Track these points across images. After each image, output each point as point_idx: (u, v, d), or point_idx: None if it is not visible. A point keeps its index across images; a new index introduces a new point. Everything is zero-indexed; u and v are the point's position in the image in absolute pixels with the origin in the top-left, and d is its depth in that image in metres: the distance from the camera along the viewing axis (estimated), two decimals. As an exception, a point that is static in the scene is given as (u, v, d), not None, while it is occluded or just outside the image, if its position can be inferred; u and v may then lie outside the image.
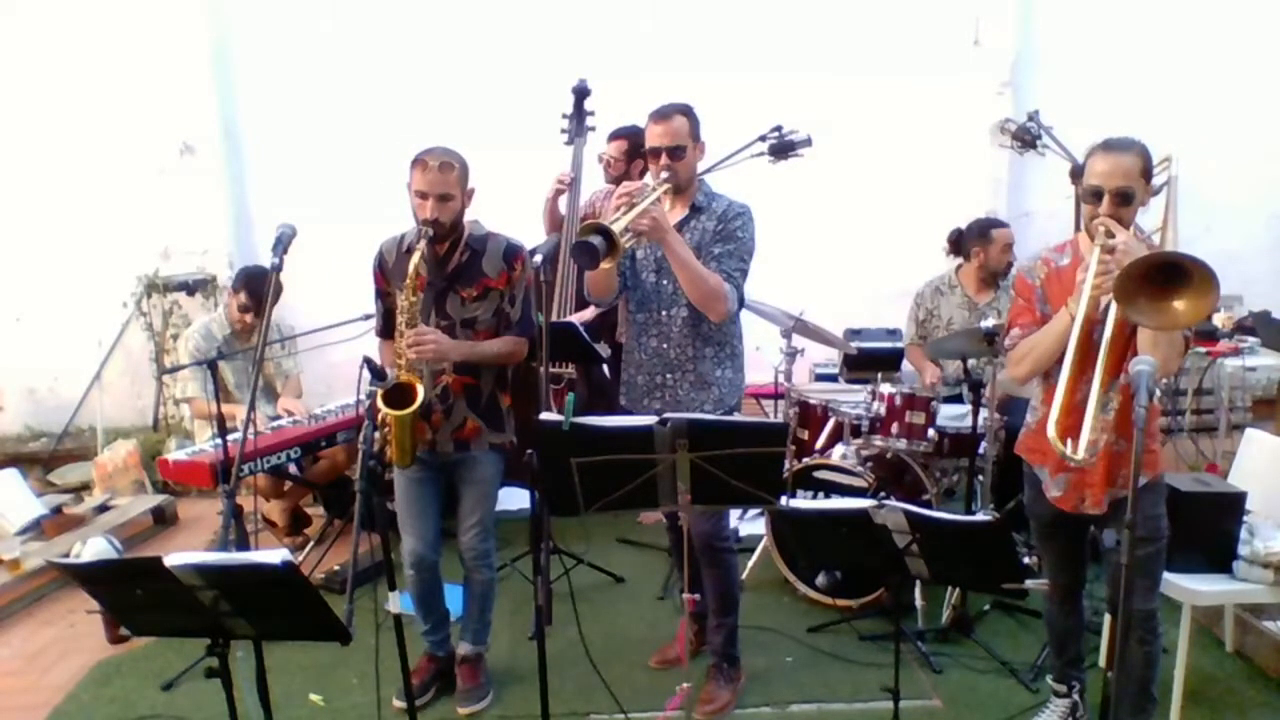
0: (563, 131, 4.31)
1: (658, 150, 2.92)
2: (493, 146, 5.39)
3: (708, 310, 2.92)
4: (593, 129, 4.32)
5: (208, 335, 4.38)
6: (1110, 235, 2.35)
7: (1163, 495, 2.66)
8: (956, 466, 4.29)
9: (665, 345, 3.06)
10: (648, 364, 3.10)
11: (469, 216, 3.06)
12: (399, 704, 3.14)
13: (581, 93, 4.30)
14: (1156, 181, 2.75)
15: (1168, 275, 2.18)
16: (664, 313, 3.04)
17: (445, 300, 3.00)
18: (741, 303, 3.03)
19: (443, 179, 2.85)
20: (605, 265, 2.58)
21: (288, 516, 4.70)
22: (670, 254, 2.82)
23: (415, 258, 2.79)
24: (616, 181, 4.11)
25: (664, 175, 2.91)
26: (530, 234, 4.41)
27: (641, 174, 4.08)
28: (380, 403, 2.70)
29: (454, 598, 3.43)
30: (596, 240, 2.51)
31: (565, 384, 4.27)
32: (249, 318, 4.35)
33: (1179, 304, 2.18)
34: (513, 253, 3.05)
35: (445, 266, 2.99)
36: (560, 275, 4.29)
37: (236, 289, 4.39)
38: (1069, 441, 2.29)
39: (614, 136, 4.27)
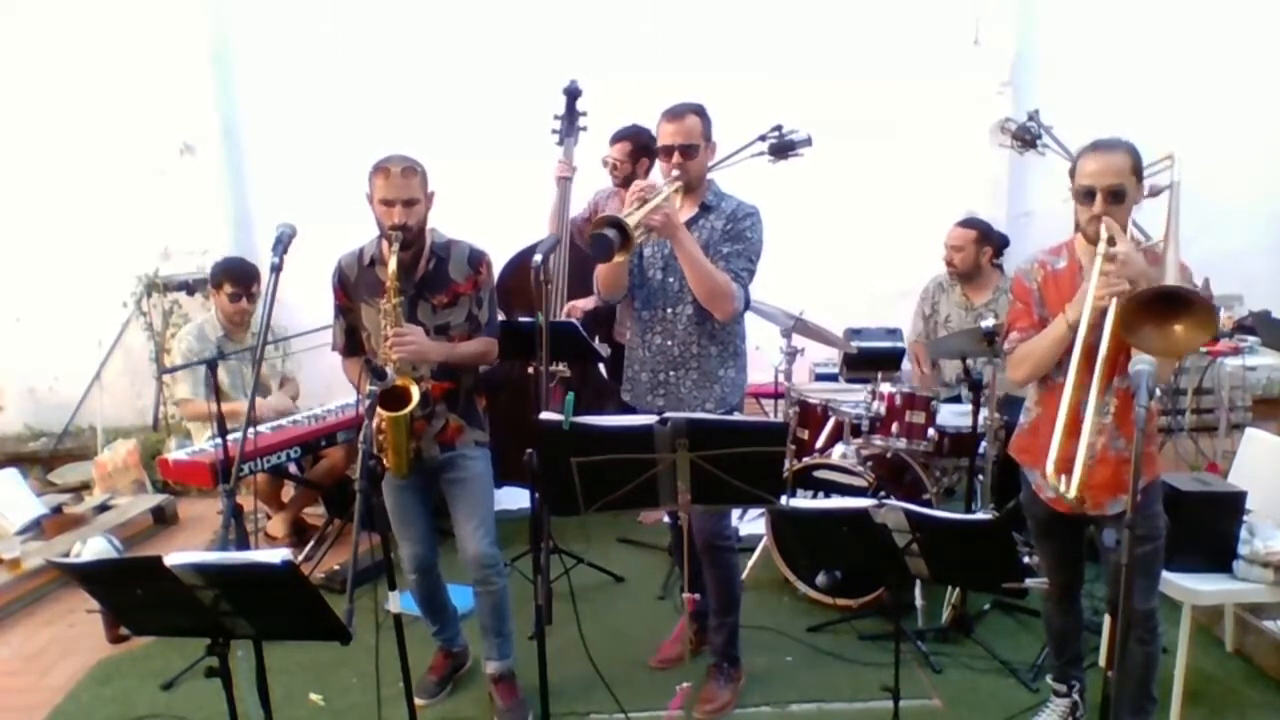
0: (553, 132, 4.31)
1: (670, 149, 2.93)
2: (491, 147, 5.43)
3: (714, 308, 2.93)
4: (584, 129, 4.31)
5: (201, 337, 4.37)
6: (1112, 243, 2.36)
7: (1159, 494, 2.67)
8: (956, 466, 4.29)
9: (670, 342, 3.07)
10: (651, 361, 3.11)
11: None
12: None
13: (573, 94, 4.30)
14: (1161, 182, 2.76)
15: (1169, 300, 2.22)
16: (669, 310, 3.05)
17: (416, 308, 2.96)
18: (748, 303, 3.03)
19: (407, 184, 2.82)
20: (618, 259, 2.62)
21: (288, 528, 4.68)
22: (680, 250, 2.83)
23: (392, 262, 2.76)
24: (623, 184, 4.09)
25: (675, 174, 2.92)
26: (526, 236, 4.41)
27: (647, 173, 4.07)
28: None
29: (459, 595, 3.43)
30: (611, 233, 2.54)
31: (557, 382, 4.25)
32: (244, 304, 4.35)
33: (1179, 328, 2.23)
34: (477, 258, 3.04)
35: (413, 274, 2.95)
36: (553, 272, 4.27)
37: (218, 285, 4.39)
38: (1063, 478, 2.32)
39: (617, 138, 4.23)
